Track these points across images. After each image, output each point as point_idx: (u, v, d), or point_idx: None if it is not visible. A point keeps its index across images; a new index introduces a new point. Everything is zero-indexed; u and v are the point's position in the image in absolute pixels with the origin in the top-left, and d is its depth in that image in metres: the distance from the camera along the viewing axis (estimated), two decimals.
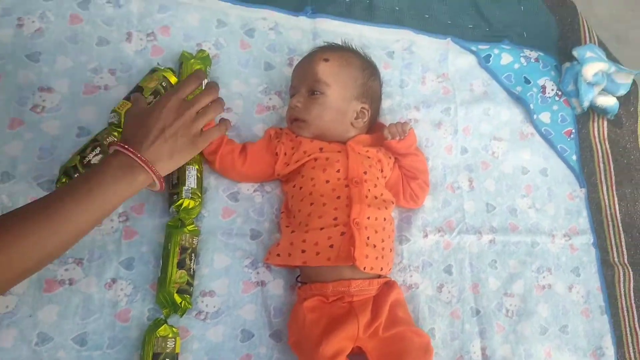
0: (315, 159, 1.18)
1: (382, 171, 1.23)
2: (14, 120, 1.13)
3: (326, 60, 1.22)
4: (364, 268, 1.08)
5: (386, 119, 1.39)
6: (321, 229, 1.10)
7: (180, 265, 1.09)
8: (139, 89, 1.18)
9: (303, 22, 1.42)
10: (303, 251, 1.10)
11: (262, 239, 1.21)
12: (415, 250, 1.31)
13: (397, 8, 1.51)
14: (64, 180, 1.08)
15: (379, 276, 1.15)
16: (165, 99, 1.00)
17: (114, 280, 1.10)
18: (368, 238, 1.11)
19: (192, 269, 1.11)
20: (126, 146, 0.94)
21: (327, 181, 1.15)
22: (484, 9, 1.60)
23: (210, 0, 1.35)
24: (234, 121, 1.28)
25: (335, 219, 1.11)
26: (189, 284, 1.10)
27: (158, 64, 1.24)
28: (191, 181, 1.16)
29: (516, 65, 1.57)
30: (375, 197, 1.16)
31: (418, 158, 1.30)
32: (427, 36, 1.53)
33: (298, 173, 1.19)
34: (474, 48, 1.56)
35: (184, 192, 1.14)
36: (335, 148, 1.20)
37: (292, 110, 1.23)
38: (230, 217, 1.21)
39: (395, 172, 1.28)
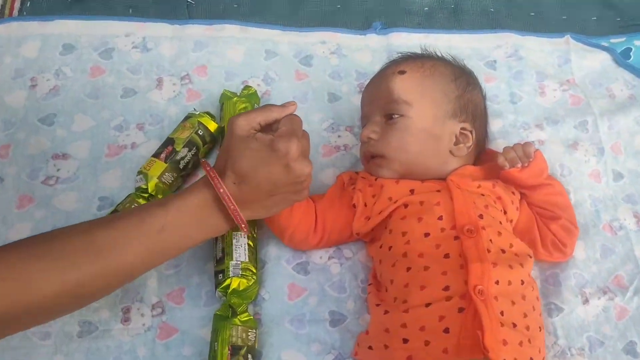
0: (406, 206, 0.83)
1: (505, 213, 0.86)
2: (23, 198, 0.92)
3: (402, 72, 0.90)
4: None
5: (498, 144, 1.02)
6: (427, 305, 0.74)
7: None
8: (169, 141, 0.93)
9: (372, 40, 1.14)
10: (405, 341, 0.74)
11: (347, 325, 0.86)
12: (575, 324, 0.89)
13: (491, 9, 1.20)
14: None
15: None
16: (287, 146, 0.73)
17: None
18: (502, 314, 0.73)
19: None
20: (220, 186, 0.72)
21: (427, 234, 0.80)
22: None
23: (254, 30, 1.11)
24: None
25: (446, 288, 0.74)
26: None
27: (194, 109, 0.99)
28: (240, 253, 0.85)
29: None
30: (503, 251, 0.79)
31: (554, 189, 0.92)
32: (537, 37, 1.18)
33: (384, 228, 0.85)
34: (604, 43, 1.18)
35: (231, 269, 0.83)
36: (432, 187, 0.85)
37: (365, 145, 0.91)
38: (300, 297, 0.88)
39: (525, 213, 0.90)
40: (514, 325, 0.73)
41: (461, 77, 0.92)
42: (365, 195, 0.88)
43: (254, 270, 0.85)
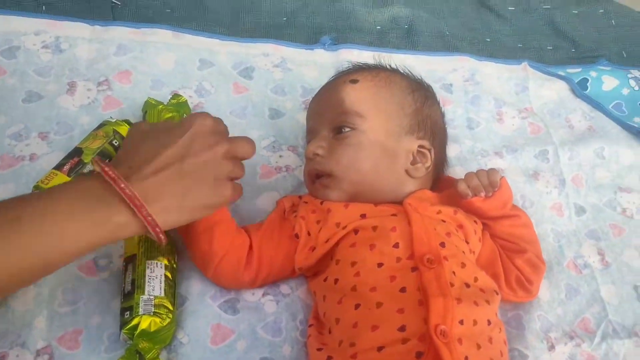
0: (356, 232, 0.71)
1: (467, 243, 0.76)
2: None
3: (354, 81, 0.80)
4: None
5: (456, 172, 0.93)
6: (379, 349, 0.61)
7: None
8: (76, 151, 0.78)
9: (321, 55, 1.04)
10: None
11: None
12: None
13: (447, 33, 1.12)
14: None
15: None
16: (195, 117, 0.63)
17: None
18: (466, 359, 0.60)
19: None
20: (108, 168, 0.56)
21: (380, 264, 0.67)
22: (563, 26, 1.20)
23: (189, 37, 0.99)
24: None
25: (402, 328, 0.62)
26: None
27: (111, 117, 0.84)
28: (154, 286, 0.70)
29: (625, 90, 1.13)
30: (467, 285, 0.68)
31: (520, 220, 0.82)
32: (494, 62, 1.12)
33: (330, 259, 0.72)
34: (561, 72, 1.13)
35: (141, 305, 0.68)
36: (386, 211, 0.74)
37: (310, 163, 0.79)
38: (226, 341, 0.72)
39: (487, 245, 0.79)
40: None
41: (419, 90, 0.82)
42: (308, 222, 0.75)
43: (171, 308, 0.70)
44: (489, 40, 1.15)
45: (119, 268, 0.75)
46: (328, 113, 0.79)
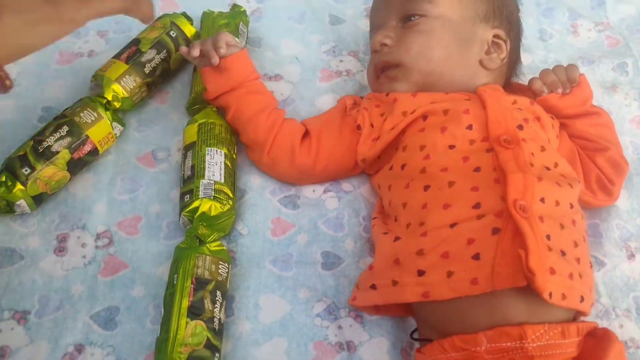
0: (425, 117, 0.67)
1: (543, 130, 0.69)
2: None
3: None
4: (550, 295, 0.52)
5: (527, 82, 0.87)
6: (452, 225, 0.57)
7: (194, 312, 0.58)
8: (134, 41, 0.76)
9: None
10: (421, 273, 0.56)
11: (344, 269, 0.68)
12: (619, 282, 0.72)
13: None
14: (4, 179, 0.64)
15: (575, 318, 0.58)
16: None
17: (79, 349, 0.60)
18: (548, 238, 0.56)
19: (217, 320, 0.59)
20: None
21: (451, 146, 0.63)
22: None
23: None
24: (287, 93, 0.81)
25: (476, 206, 0.57)
26: (213, 348, 0.58)
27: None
28: (214, 172, 0.68)
29: None
30: (547, 168, 0.62)
31: (601, 119, 0.76)
32: None
33: (396, 149, 0.68)
34: None
35: (202, 189, 0.66)
36: (458, 97, 0.69)
37: (377, 55, 0.74)
38: (286, 233, 0.70)
39: (565, 144, 0.73)
40: (563, 253, 0.56)
41: None
42: (372, 114, 0.71)
43: (231, 195, 0.68)
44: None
45: (177, 161, 0.74)
46: (395, 2, 0.74)
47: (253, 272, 0.67)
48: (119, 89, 0.72)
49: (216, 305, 0.60)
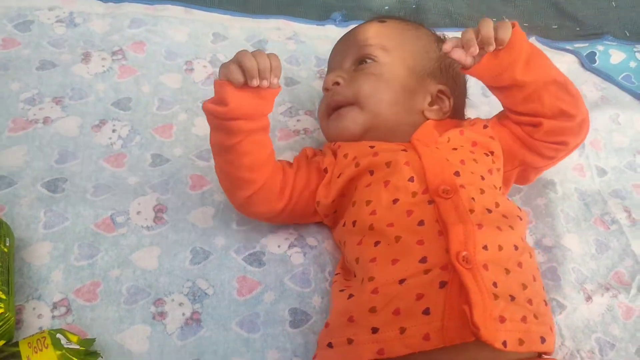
0: (371, 171, 0.68)
1: (492, 154, 0.72)
2: None
3: (382, 21, 0.80)
4: (505, 344, 0.54)
5: None
6: (401, 281, 0.58)
7: None
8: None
9: (332, 30, 1.05)
10: (374, 330, 0.56)
11: (312, 326, 0.68)
12: (581, 324, 0.74)
13: (450, 10, 1.14)
14: None
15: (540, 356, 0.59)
16: None
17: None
18: (495, 285, 0.57)
19: None
20: None
21: (395, 200, 0.65)
22: (566, 7, 1.22)
23: (201, 13, 0.99)
24: None
25: (423, 260, 0.59)
26: None
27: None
28: None
29: (632, 64, 1.13)
30: (489, 211, 0.64)
31: (544, 66, 0.71)
32: None
33: (347, 202, 0.70)
34: (569, 47, 1.13)
35: None
36: (396, 147, 0.70)
37: (329, 95, 0.77)
38: (253, 292, 0.69)
39: (503, 135, 0.74)
40: (512, 297, 0.57)
41: (443, 42, 0.82)
42: (329, 159, 0.73)
43: (3, 297, 0.59)
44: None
45: (136, 224, 0.72)
46: (351, 49, 0.79)
47: (220, 335, 0.65)
48: None
49: None
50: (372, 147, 0.70)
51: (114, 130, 0.81)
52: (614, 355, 0.73)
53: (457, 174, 0.66)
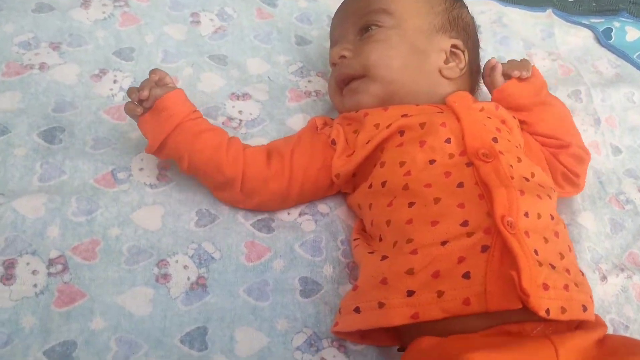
0: (402, 133, 0.65)
1: (512, 134, 0.70)
2: None
3: None
4: (548, 312, 0.51)
5: None
6: (443, 243, 0.55)
7: None
8: None
9: None
10: (410, 293, 0.53)
11: (323, 296, 0.64)
12: (595, 304, 0.70)
13: None
14: None
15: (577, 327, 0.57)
16: None
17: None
18: (536, 252, 0.54)
19: None
20: None
21: (432, 161, 0.61)
22: None
23: None
24: (256, 112, 0.78)
25: (464, 223, 0.56)
26: None
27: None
28: None
29: None
30: (526, 179, 0.62)
31: (557, 107, 0.77)
32: (520, 9, 1.08)
33: (373, 165, 0.66)
34: (585, 21, 1.10)
35: None
36: (429, 109, 0.68)
37: (337, 69, 0.73)
38: (262, 259, 0.65)
39: (531, 143, 0.74)
40: (552, 266, 0.55)
41: None
42: (346, 132, 0.69)
43: None
44: None
45: (139, 181, 0.68)
46: (353, 17, 0.74)
47: (227, 301, 0.61)
48: None
49: None
50: (404, 115, 0.66)
51: (115, 81, 0.76)
52: (627, 336, 0.71)
53: (495, 140, 0.63)
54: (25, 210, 0.62)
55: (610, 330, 0.71)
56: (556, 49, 1.05)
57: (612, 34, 1.10)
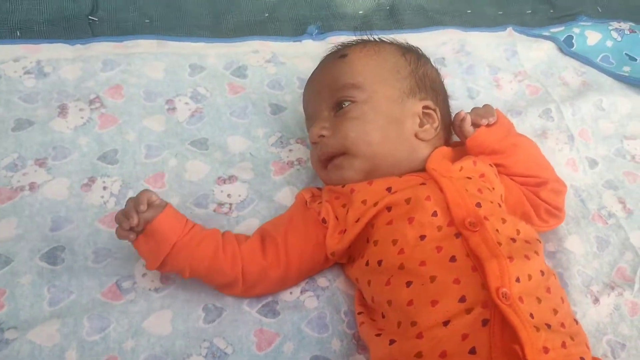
0: (389, 209, 0.68)
1: (493, 190, 0.73)
2: None
3: (343, 56, 0.78)
4: None
5: None
6: (445, 323, 0.58)
7: None
8: None
9: (310, 46, 1.03)
10: None
11: None
12: (592, 329, 0.76)
13: (428, 8, 1.12)
14: None
15: None
16: None
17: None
18: (532, 316, 0.58)
19: None
20: None
21: (422, 237, 0.64)
22: None
23: (174, 44, 0.96)
24: (244, 193, 0.81)
25: (462, 299, 0.59)
26: None
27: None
28: None
29: (609, 43, 1.14)
30: (513, 240, 0.65)
31: (527, 144, 0.81)
32: (480, 31, 1.12)
33: (366, 242, 0.69)
34: (546, 33, 1.13)
35: None
36: (414, 181, 0.71)
37: (318, 147, 0.76)
38: (273, 345, 0.69)
39: (510, 186, 0.77)
40: (548, 326, 0.58)
41: (409, 52, 0.81)
42: (334, 207, 0.72)
43: None
44: (469, 11, 1.16)
45: (144, 288, 0.71)
46: (324, 93, 0.77)
47: None
48: None
49: None
50: (389, 188, 0.69)
51: (104, 188, 0.78)
52: (625, 355, 0.75)
53: (478, 205, 0.67)
54: (41, 339, 0.65)
55: (608, 352, 0.75)
56: (521, 67, 1.08)
57: (573, 40, 1.13)
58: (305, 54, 1.00)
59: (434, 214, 0.66)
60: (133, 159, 0.81)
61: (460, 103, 0.98)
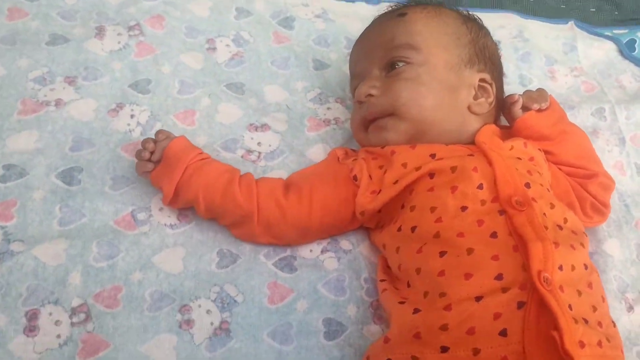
0: (431, 175, 0.63)
1: (541, 174, 0.68)
2: None
3: (402, 14, 0.73)
4: None
5: None
6: (477, 298, 0.54)
7: None
8: None
9: (362, 7, 0.98)
10: (444, 349, 0.52)
11: (348, 337, 0.63)
12: (622, 337, 0.69)
13: None
14: None
15: None
16: None
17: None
18: (570, 308, 0.53)
19: None
20: None
21: (464, 208, 0.60)
22: None
23: None
24: (275, 144, 0.77)
25: (498, 277, 0.54)
26: None
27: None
28: None
29: None
30: (560, 227, 0.60)
31: (578, 134, 0.76)
32: (540, 21, 1.06)
33: (401, 207, 0.65)
34: (608, 33, 1.07)
35: None
36: (459, 151, 0.66)
37: (363, 107, 0.71)
38: (285, 300, 0.65)
39: (557, 175, 0.72)
40: (586, 321, 0.54)
41: (470, 20, 0.76)
42: (369, 166, 0.68)
43: None
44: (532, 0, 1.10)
45: (159, 222, 0.67)
46: (377, 51, 0.72)
47: (251, 346, 0.61)
48: None
49: None
50: (433, 155, 0.64)
51: (132, 116, 0.75)
52: None
53: (527, 185, 0.62)
54: (46, 257, 0.62)
55: None
56: (578, 63, 1.02)
57: (635, 45, 1.07)
58: (355, 14, 0.96)
59: (480, 186, 0.61)
60: (165, 91, 0.78)
61: (511, 88, 0.93)
